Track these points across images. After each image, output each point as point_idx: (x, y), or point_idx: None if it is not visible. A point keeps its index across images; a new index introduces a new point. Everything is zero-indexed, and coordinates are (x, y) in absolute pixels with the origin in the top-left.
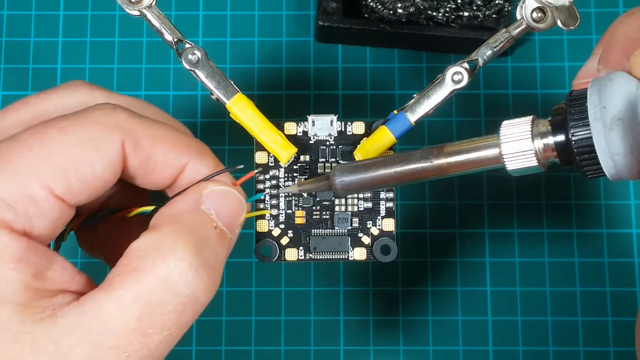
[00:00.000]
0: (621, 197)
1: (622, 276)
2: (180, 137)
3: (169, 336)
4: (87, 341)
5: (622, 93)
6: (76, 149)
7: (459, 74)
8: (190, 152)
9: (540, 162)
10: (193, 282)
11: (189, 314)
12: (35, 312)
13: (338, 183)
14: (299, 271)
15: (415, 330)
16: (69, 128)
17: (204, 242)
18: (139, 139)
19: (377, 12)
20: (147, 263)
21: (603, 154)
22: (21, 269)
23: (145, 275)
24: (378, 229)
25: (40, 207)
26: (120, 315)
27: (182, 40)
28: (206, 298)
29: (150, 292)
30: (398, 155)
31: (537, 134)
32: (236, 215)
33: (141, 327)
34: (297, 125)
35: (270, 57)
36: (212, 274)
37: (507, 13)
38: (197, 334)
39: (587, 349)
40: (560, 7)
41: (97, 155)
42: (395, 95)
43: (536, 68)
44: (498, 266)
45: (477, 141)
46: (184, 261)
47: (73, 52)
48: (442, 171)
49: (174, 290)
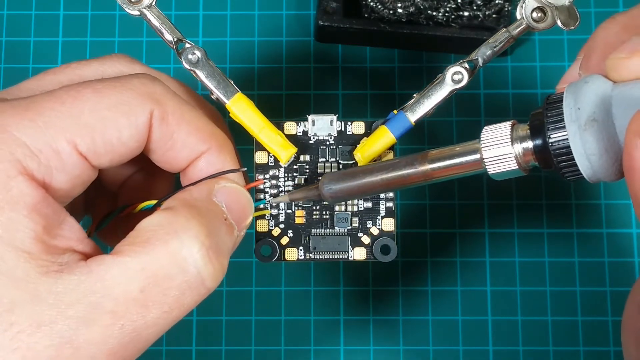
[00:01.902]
0: (621, 197)
1: (622, 276)
2: (207, 125)
3: (167, 314)
4: (87, 301)
5: (596, 94)
6: (107, 111)
7: (459, 73)
8: (212, 142)
9: (521, 166)
10: (202, 263)
11: (191, 296)
12: (40, 264)
13: (326, 191)
14: (299, 271)
15: (415, 330)
16: (103, 90)
17: (215, 229)
18: (167, 114)
19: (377, 12)
20: (159, 236)
21: (579, 155)
22: (33, 218)
23: (155, 247)
24: (378, 228)
25: (63, 161)
26: (124, 282)
27: (182, 40)
28: (211, 283)
29: (158, 264)
30: (384, 163)
31: (516, 138)
32: (245, 213)
33: (142, 298)
34: (297, 125)
35: (270, 57)
36: (221, 259)
37: (507, 13)
38: (197, 334)
39: (587, 349)
40: (560, 7)
41: (126, 120)
42: (395, 95)
43: (536, 68)
44: (498, 266)
45: (460, 146)
46: (196, 239)
47: (73, 52)
48: (427, 177)
49: (182, 267)
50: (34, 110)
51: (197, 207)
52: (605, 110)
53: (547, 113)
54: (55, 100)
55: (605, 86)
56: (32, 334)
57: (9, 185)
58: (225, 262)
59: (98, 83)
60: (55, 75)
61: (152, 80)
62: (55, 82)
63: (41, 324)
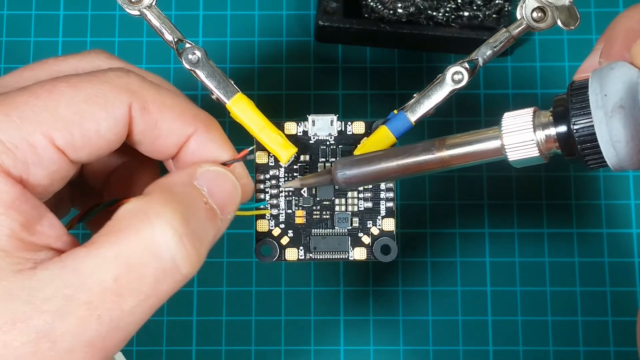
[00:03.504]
0: (621, 197)
1: (622, 276)
2: (189, 108)
3: (144, 302)
4: (61, 294)
5: (622, 81)
6: (83, 103)
7: (459, 73)
8: (197, 123)
9: (542, 153)
10: (175, 249)
11: (167, 283)
12: (15, 262)
13: (340, 177)
14: (299, 271)
15: (415, 330)
16: (79, 84)
17: (192, 214)
18: (147, 103)
19: (377, 12)
20: (132, 224)
21: (605, 142)
22: (10, 215)
23: (128, 235)
24: (378, 228)
25: (39, 155)
26: (97, 272)
27: (182, 40)
28: (187, 270)
29: (131, 252)
30: (400, 148)
31: (538, 125)
32: (229, 198)
33: (117, 287)
34: (297, 125)
35: (270, 57)
36: (196, 245)
37: (507, 13)
38: (197, 334)
39: (587, 349)
40: (560, 7)
41: (103, 112)
42: (395, 95)
43: (536, 68)
44: (498, 266)
45: (479, 133)
46: (169, 225)
47: (73, 52)
48: (444, 163)
49: (156, 254)
50: (8, 105)
51: (174, 191)
52: (632, 97)
53: (572, 99)
54: (30, 94)
55: (632, 72)
56: (7, 332)
57: None
58: (204, 249)
59: (73, 77)
60: (33, 72)
61: (127, 72)
62: (33, 78)
63: (16, 321)
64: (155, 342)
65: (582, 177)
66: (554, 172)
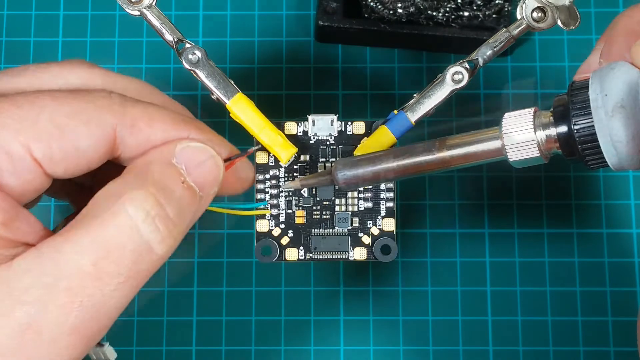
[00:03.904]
0: (621, 197)
1: (622, 276)
2: (178, 116)
3: (123, 284)
4: (40, 283)
5: (623, 81)
6: (65, 118)
7: (459, 73)
8: (190, 128)
9: (543, 154)
10: (148, 230)
11: (144, 264)
12: None
13: (340, 177)
14: (299, 271)
15: (415, 330)
16: (63, 99)
17: (166, 194)
18: (135, 121)
19: (377, 12)
20: (107, 208)
21: (605, 142)
22: None
23: (103, 220)
24: (378, 228)
25: (14, 164)
26: (75, 258)
27: (182, 40)
28: (162, 250)
29: (107, 236)
30: (400, 148)
31: (539, 125)
32: (209, 175)
33: (95, 272)
34: (297, 125)
35: (270, 57)
36: (170, 226)
37: (507, 13)
38: (197, 334)
39: (587, 349)
40: (560, 7)
41: (85, 130)
42: (396, 95)
43: (536, 68)
44: (498, 266)
45: (479, 133)
46: (141, 208)
47: (73, 52)
48: (445, 164)
49: (130, 236)
50: None
51: (150, 171)
52: (632, 97)
53: (572, 99)
54: (12, 103)
55: (632, 72)
56: None
57: None
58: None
59: (58, 92)
60: (13, 78)
61: (109, 94)
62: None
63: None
64: (155, 342)
65: (582, 177)
66: (554, 172)
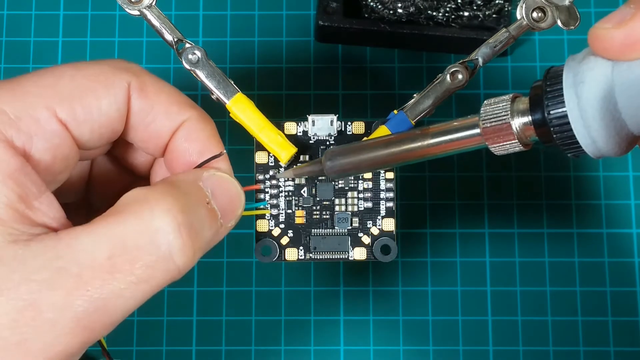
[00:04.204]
0: (621, 197)
1: (622, 276)
2: (185, 97)
3: (134, 286)
4: (52, 266)
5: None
6: (84, 80)
7: (459, 73)
8: (192, 111)
9: (522, 141)
10: (172, 237)
11: (159, 270)
12: (9, 232)
13: (329, 166)
14: (299, 271)
15: (415, 330)
16: (80, 65)
17: (193, 208)
18: (145, 85)
19: (377, 12)
20: (132, 208)
21: (579, 130)
22: (8, 185)
23: (127, 218)
24: (378, 228)
25: (43, 127)
26: (91, 248)
27: (182, 40)
28: (180, 260)
29: (128, 233)
30: (386, 137)
31: (516, 112)
32: (232, 203)
33: (109, 265)
34: (297, 124)
35: (270, 57)
36: (193, 238)
37: (507, 13)
38: (197, 334)
39: (587, 349)
40: (560, 7)
41: (104, 89)
42: (396, 95)
43: (536, 68)
44: (498, 266)
45: (459, 121)
46: (169, 212)
47: (73, 52)
48: (428, 152)
49: (152, 238)
50: (13, 82)
51: (178, 186)
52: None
53: (547, 89)
54: (34, 74)
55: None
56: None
57: None
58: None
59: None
60: None
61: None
62: None
63: (3, 289)
64: (155, 342)
65: (582, 177)
66: (554, 172)
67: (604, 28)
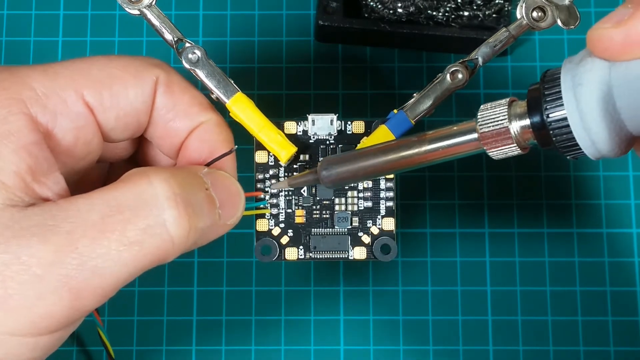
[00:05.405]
0: (621, 197)
1: (622, 276)
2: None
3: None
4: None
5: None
6: (115, 69)
7: (459, 73)
8: (212, 114)
9: (520, 144)
10: (167, 204)
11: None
12: (12, 197)
13: (324, 176)
14: (299, 270)
15: (415, 330)
16: (112, 56)
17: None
18: (172, 83)
19: (377, 12)
20: (131, 179)
21: (579, 133)
22: (21, 155)
23: (125, 184)
24: (378, 228)
25: (68, 108)
26: (86, 209)
27: (182, 40)
28: (175, 232)
29: (124, 198)
30: (382, 145)
31: (514, 116)
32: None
33: (101, 224)
34: (297, 124)
35: (270, 57)
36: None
37: (507, 12)
38: (197, 334)
39: (587, 349)
40: (560, 7)
41: (133, 80)
42: (395, 94)
43: (536, 67)
44: (498, 266)
45: (457, 126)
46: (166, 183)
47: (73, 51)
48: (425, 158)
49: (147, 204)
50: (47, 65)
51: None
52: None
53: (545, 92)
54: (68, 60)
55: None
56: None
57: (7, 120)
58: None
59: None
60: None
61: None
62: None
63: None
64: (155, 342)
65: (582, 177)
66: (554, 172)
67: (602, 28)
